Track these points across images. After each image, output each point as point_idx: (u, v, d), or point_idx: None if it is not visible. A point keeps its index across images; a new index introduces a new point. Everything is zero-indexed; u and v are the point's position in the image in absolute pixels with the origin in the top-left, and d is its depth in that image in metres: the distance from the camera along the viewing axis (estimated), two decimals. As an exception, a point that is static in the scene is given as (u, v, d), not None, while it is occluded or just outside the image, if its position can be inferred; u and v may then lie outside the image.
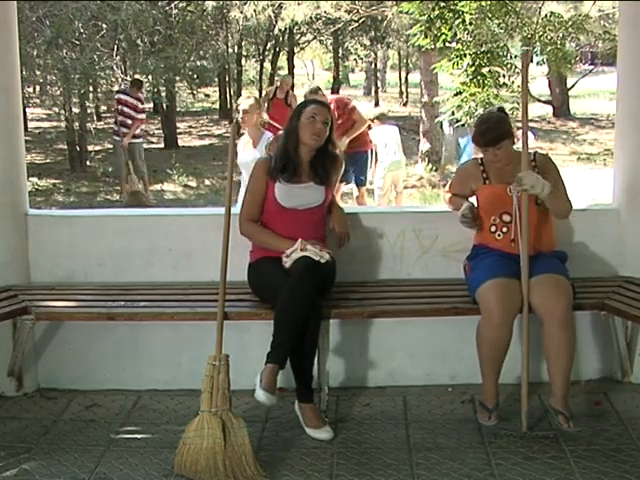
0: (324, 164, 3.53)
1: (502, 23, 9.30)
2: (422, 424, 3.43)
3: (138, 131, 10.78)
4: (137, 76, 13.47)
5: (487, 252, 3.46)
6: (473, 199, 3.61)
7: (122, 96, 10.83)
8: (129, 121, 10.54)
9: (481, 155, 3.57)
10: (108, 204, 10.40)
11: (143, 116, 10.93)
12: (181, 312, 3.50)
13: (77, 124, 13.55)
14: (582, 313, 3.56)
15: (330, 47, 27.19)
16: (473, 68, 9.29)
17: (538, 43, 9.66)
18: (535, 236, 3.39)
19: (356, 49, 27.62)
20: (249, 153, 5.34)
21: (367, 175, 7.86)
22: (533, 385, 3.50)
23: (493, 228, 3.48)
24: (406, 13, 10.76)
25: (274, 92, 11.50)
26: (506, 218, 3.43)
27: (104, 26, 13.37)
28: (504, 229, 3.44)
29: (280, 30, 17.67)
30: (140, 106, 10.84)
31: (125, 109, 10.54)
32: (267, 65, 23.74)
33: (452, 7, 9.30)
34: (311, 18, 16.65)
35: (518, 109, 8.62)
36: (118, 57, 14.14)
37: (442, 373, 3.83)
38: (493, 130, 3.42)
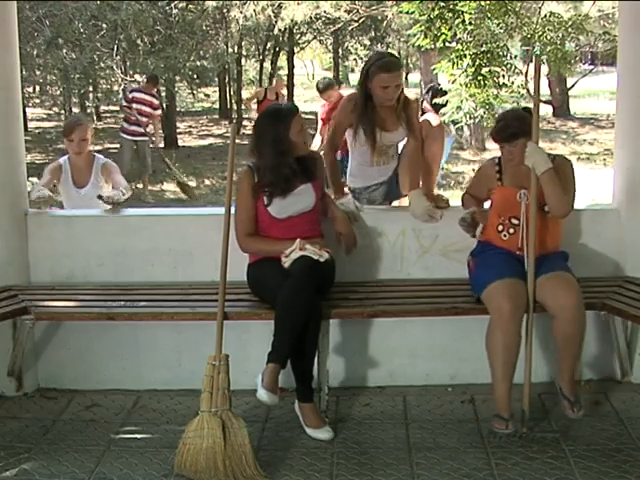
0: (303, 162, 3.50)
1: (502, 23, 9.29)
2: (422, 424, 3.43)
3: (149, 129, 10.73)
4: (137, 76, 13.47)
5: (492, 249, 3.46)
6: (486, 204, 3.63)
7: (137, 94, 10.73)
8: (144, 119, 10.51)
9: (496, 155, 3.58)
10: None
11: (159, 112, 10.91)
12: (181, 312, 3.50)
13: (77, 124, 13.54)
14: (582, 313, 3.56)
15: (330, 47, 27.21)
16: (473, 68, 9.28)
17: (538, 43, 9.65)
18: (542, 241, 3.38)
19: (356, 49, 27.65)
20: (88, 183, 4.40)
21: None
22: (534, 385, 3.50)
23: (500, 227, 3.48)
24: (406, 13, 10.74)
25: (264, 94, 11.35)
26: (514, 221, 3.43)
27: (104, 26, 13.39)
28: (511, 230, 3.44)
29: (280, 30, 17.67)
30: (156, 102, 10.82)
31: (143, 107, 10.49)
32: (267, 65, 23.75)
33: (452, 7, 9.29)
34: (311, 18, 16.65)
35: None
36: (118, 57, 14.16)
37: (442, 373, 3.83)
38: (509, 127, 3.43)
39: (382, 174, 4.09)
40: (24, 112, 3.77)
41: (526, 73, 10.18)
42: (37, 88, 16.86)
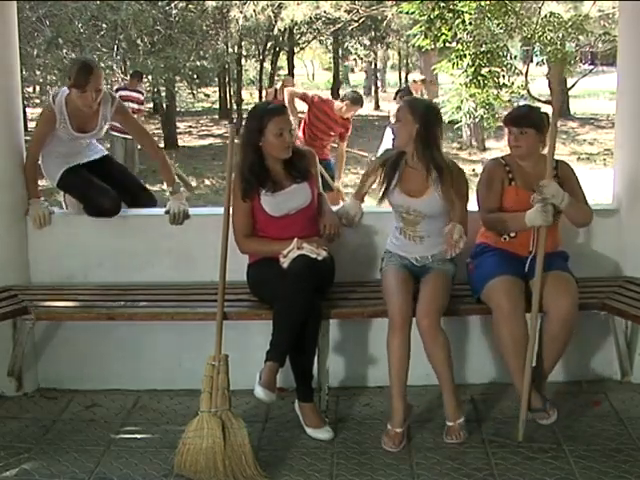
0: (296, 162, 3.48)
1: (502, 23, 9.30)
2: (422, 424, 3.43)
3: None
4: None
5: (491, 251, 3.45)
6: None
7: (123, 92, 10.78)
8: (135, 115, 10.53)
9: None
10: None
11: (144, 107, 10.95)
12: (181, 312, 3.50)
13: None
14: (582, 313, 3.55)
15: (330, 47, 27.21)
16: (473, 68, 9.29)
17: (538, 43, 9.66)
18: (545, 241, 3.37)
19: (356, 49, 27.66)
20: (95, 128, 3.83)
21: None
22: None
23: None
24: (406, 13, 10.76)
25: (274, 95, 11.41)
26: None
27: (104, 26, 13.39)
28: (512, 233, 3.43)
29: (280, 30, 17.68)
30: (141, 98, 10.93)
31: (130, 104, 10.50)
32: (267, 65, 23.76)
33: (452, 7, 9.30)
34: (311, 18, 16.68)
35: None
36: (118, 57, 14.16)
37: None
38: (523, 114, 3.46)
39: None
40: (24, 112, 3.74)
41: (526, 73, 10.20)
42: (37, 88, 16.86)
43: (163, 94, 16.61)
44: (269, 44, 22.36)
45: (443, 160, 3.39)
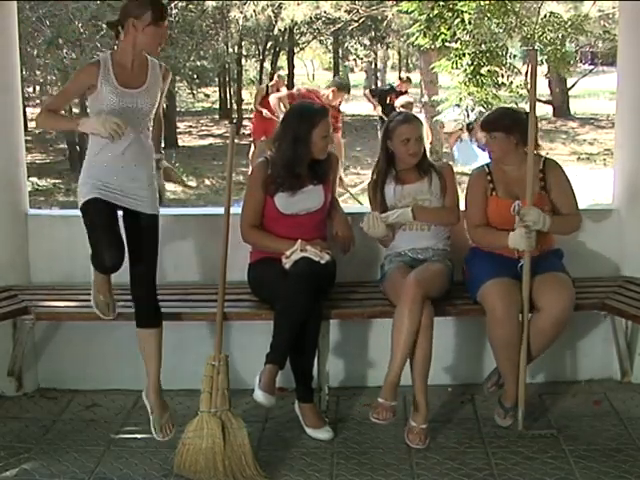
0: (320, 164, 3.50)
1: (501, 23, 9.31)
2: (422, 424, 3.42)
3: None
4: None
5: (483, 254, 3.44)
6: None
7: None
8: None
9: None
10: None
11: None
12: (181, 312, 3.50)
13: (77, 124, 13.55)
14: (582, 313, 3.56)
15: (330, 47, 27.21)
16: (472, 67, 9.29)
17: (537, 43, 9.67)
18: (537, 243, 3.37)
19: (356, 49, 27.64)
20: (144, 84, 3.30)
21: None
22: (534, 385, 3.51)
23: None
24: (405, 12, 10.76)
25: (266, 90, 11.40)
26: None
27: (104, 26, 13.34)
28: None
29: (280, 30, 17.69)
30: None
31: None
32: (267, 65, 23.76)
33: (451, 6, 9.30)
34: (311, 18, 16.69)
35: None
36: (118, 57, 14.09)
37: (442, 373, 3.82)
38: (490, 119, 3.47)
39: None
40: (24, 112, 3.74)
41: (526, 73, 10.22)
42: (37, 88, 16.86)
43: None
44: (269, 44, 22.37)
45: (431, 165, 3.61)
